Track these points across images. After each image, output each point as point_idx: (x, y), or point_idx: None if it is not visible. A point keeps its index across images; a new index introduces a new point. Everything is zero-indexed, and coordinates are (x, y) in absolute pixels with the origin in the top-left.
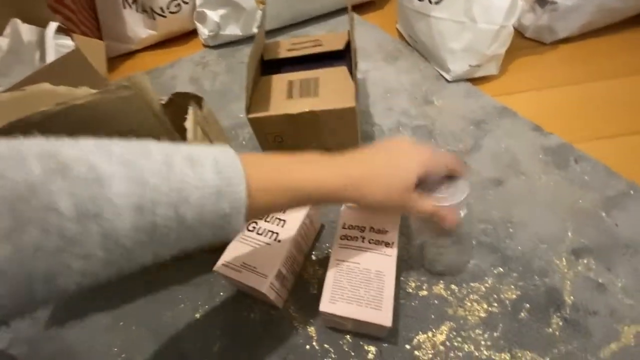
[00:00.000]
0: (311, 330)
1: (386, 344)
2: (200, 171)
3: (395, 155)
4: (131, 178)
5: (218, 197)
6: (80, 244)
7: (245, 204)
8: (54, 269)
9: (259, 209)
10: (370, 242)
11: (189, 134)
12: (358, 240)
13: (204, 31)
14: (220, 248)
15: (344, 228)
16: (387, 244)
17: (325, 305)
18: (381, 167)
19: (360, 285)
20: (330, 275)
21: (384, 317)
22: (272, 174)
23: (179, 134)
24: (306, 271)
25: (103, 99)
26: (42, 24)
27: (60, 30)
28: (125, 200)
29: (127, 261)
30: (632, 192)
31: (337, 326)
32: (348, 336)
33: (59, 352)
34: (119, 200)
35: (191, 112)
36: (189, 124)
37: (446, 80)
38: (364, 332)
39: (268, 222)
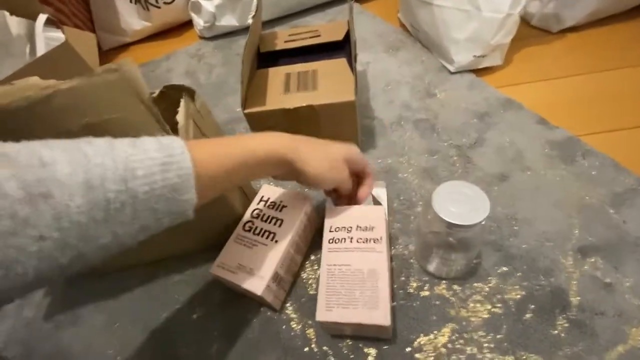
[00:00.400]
0: (310, 332)
1: (386, 347)
2: (142, 148)
3: (326, 141)
4: (75, 160)
5: (164, 168)
6: (33, 226)
7: (192, 172)
8: (9, 254)
9: (208, 179)
10: (358, 241)
11: (181, 128)
12: (346, 241)
13: (199, 22)
14: (217, 247)
15: (330, 231)
16: (375, 240)
17: (322, 314)
18: (316, 142)
19: (355, 287)
20: (323, 282)
21: (381, 317)
22: (214, 146)
23: (170, 128)
24: (305, 271)
25: (89, 83)
26: (32, 17)
27: (50, 23)
28: (73, 178)
29: (85, 242)
30: None
31: (337, 332)
32: (348, 338)
33: (54, 354)
34: (66, 180)
35: (183, 104)
36: (180, 117)
37: (449, 71)
38: (365, 335)
39: (265, 221)
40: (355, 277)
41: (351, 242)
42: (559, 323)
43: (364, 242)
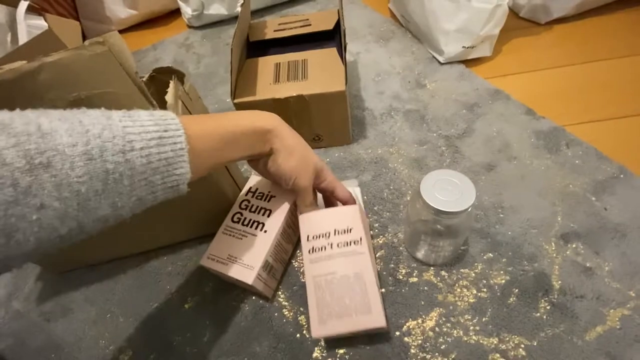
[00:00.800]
0: (302, 319)
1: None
2: (139, 121)
3: (308, 146)
4: (73, 130)
5: (159, 142)
6: (35, 195)
7: (185, 146)
8: (10, 223)
9: (201, 153)
10: (339, 246)
11: (169, 107)
12: (326, 249)
13: (187, 10)
14: (208, 236)
15: (308, 240)
16: (355, 242)
17: (316, 330)
18: (301, 139)
19: (344, 295)
20: (312, 295)
21: (376, 319)
22: (206, 121)
23: (159, 108)
24: (296, 259)
25: (76, 56)
26: (13, 4)
27: (32, 10)
28: (73, 149)
29: (84, 213)
30: (622, 175)
31: (335, 337)
32: None
33: (46, 346)
34: (66, 150)
35: (172, 85)
36: (169, 97)
37: (439, 62)
38: (362, 334)
39: (253, 212)
40: (342, 284)
41: (332, 248)
42: (541, 306)
43: (344, 246)
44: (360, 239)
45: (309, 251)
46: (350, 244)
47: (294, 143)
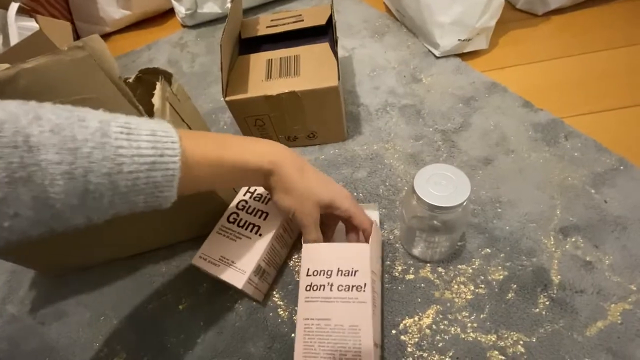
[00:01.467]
0: (296, 318)
1: None
2: (136, 142)
3: (322, 176)
4: (63, 146)
5: (152, 167)
6: (9, 205)
7: (177, 174)
8: None
9: (194, 180)
10: (339, 289)
11: (157, 110)
12: (325, 290)
13: (180, 10)
14: (202, 237)
15: (308, 275)
16: (358, 288)
17: None
18: (307, 172)
19: (335, 347)
20: (299, 341)
21: None
22: (208, 144)
23: (146, 112)
24: (292, 259)
25: (55, 62)
26: (3, 5)
27: (23, 12)
28: (56, 167)
29: (57, 222)
30: (621, 167)
31: None
32: None
33: (40, 349)
34: (49, 167)
35: (159, 87)
36: (156, 99)
37: (435, 56)
38: None
39: (249, 214)
40: (335, 334)
41: (331, 290)
42: (540, 301)
43: (345, 291)
44: (364, 285)
45: (307, 288)
46: (352, 289)
47: (293, 181)
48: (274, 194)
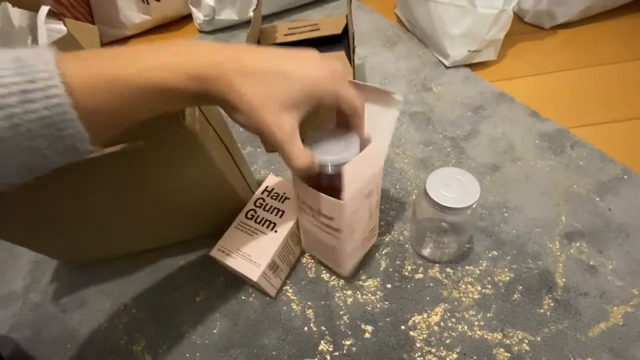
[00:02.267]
0: (309, 312)
1: (382, 324)
2: None
3: (296, 57)
4: None
5: (24, 98)
6: None
7: (66, 102)
8: None
9: (96, 113)
10: (321, 223)
11: (188, 116)
12: (310, 216)
13: (199, 16)
14: (218, 234)
15: (299, 198)
16: (336, 230)
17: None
18: (266, 56)
19: (324, 248)
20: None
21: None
22: (101, 63)
23: (175, 115)
24: (305, 256)
25: None
26: (34, 8)
27: (52, 15)
28: None
29: None
30: (625, 176)
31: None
32: (345, 317)
33: (62, 335)
34: None
35: None
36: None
37: (445, 66)
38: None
39: (267, 211)
40: (322, 241)
41: (315, 220)
42: (545, 303)
43: (325, 227)
44: (339, 229)
45: (300, 207)
46: (330, 228)
47: (236, 91)
48: (232, 113)
